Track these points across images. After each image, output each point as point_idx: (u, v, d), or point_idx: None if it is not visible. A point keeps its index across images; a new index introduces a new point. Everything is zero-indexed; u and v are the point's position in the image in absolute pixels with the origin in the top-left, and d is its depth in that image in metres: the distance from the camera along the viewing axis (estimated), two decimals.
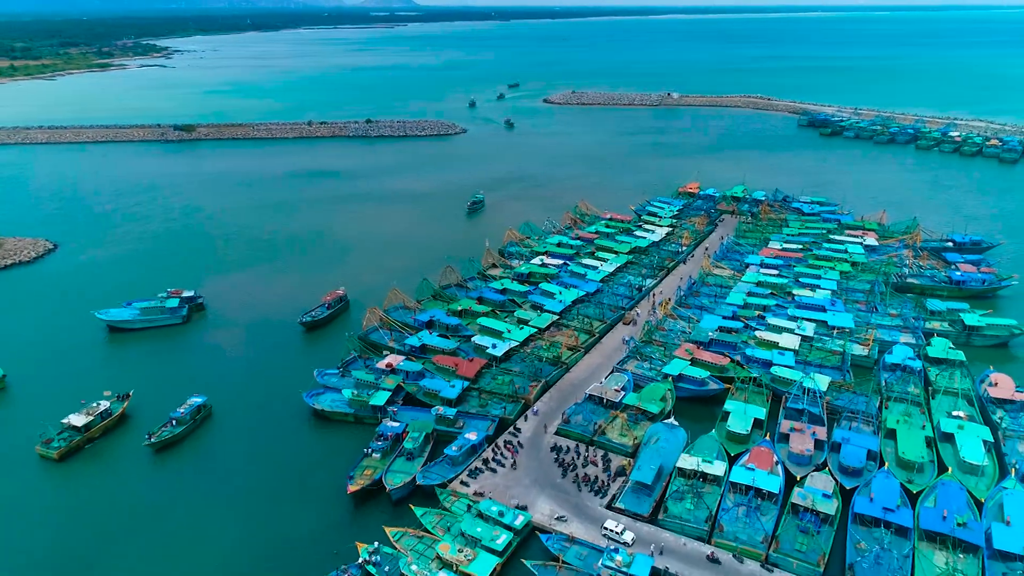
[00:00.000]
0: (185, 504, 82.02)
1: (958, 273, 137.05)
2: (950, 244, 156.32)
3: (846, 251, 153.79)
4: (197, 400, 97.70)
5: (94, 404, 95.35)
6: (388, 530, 75.02)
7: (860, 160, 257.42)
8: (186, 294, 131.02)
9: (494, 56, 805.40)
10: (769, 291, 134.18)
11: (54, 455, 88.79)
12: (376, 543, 71.95)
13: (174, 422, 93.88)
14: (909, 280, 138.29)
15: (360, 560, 70.09)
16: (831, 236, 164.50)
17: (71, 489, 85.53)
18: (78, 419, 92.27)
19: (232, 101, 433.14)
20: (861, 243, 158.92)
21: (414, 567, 68.68)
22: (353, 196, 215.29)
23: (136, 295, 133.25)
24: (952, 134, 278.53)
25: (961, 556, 69.25)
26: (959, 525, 71.30)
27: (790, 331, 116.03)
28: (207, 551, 74.62)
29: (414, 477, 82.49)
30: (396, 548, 72.59)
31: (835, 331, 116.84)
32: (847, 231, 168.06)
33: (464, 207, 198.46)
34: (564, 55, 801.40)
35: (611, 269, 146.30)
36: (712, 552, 71.51)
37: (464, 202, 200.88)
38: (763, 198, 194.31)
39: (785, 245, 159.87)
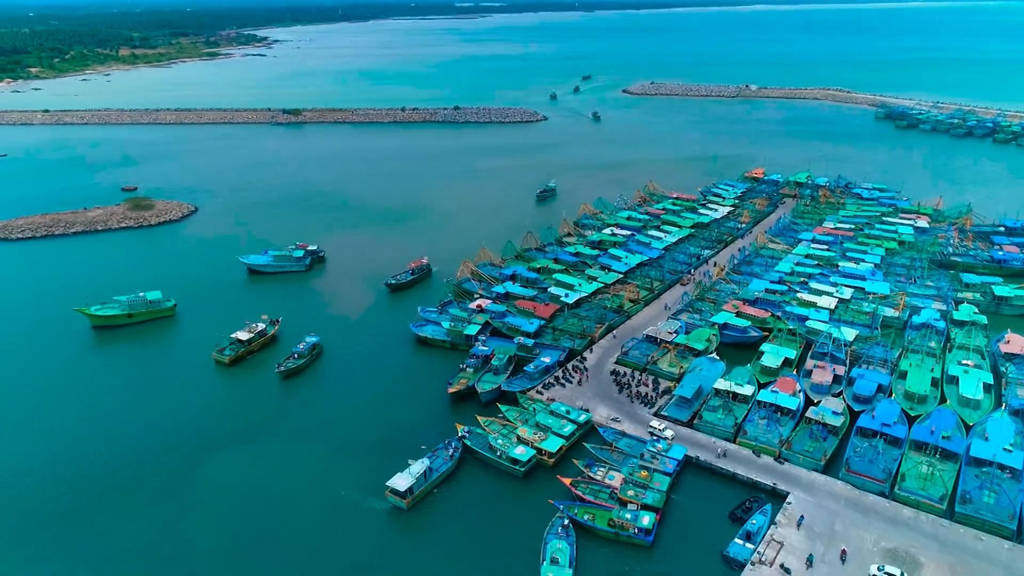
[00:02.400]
0: (319, 406, 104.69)
1: (1000, 252, 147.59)
2: (1002, 229, 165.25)
3: (896, 231, 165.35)
4: (312, 339, 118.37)
5: (254, 324, 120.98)
6: (480, 418, 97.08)
7: (932, 152, 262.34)
8: (311, 247, 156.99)
9: (577, 47, 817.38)
10: (816, 262, 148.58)
11: (226, 360, 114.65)
12: (470, 427, 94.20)
13: (296, 355, 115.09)
14: (952, 258, 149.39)
15: (458, 436, 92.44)
16: (885, 218, 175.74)
17: (237, 384, 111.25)
18: (243, 334, 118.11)
19: (330, 88, 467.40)
20: (912, 224, 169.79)
21: (500, 441, 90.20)
22: (443, 175, 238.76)
23: (269, 247, 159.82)
24: None
25: (939, 458, 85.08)
26: (944, 438, 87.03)
27: (829, 294, 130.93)
28: (341, 433, 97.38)
29: (499, 385, 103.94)
30: (485, 431, 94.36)
31: (871, 296, 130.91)
32: (901, 214, 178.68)
33: (535, 193, 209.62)
34: (647, 47, 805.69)
35: (673, 240, 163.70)
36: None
37: (538, 185, 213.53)
38: (824, 183, 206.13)
39: (839, 225, 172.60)
